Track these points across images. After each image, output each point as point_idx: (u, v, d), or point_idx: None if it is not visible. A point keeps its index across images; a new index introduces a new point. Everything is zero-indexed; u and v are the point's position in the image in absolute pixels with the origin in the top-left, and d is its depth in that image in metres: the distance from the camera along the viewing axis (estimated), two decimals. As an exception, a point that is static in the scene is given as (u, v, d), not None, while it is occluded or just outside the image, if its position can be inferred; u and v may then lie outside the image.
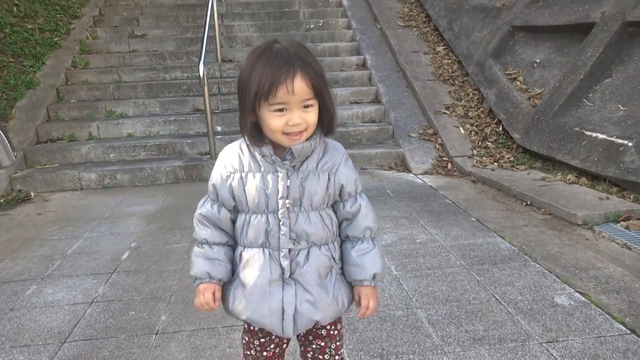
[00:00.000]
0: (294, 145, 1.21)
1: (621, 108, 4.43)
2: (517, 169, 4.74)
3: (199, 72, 4.96)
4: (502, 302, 2.42)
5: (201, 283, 1.33)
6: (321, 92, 1.20)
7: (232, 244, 1.36)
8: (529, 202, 3.89)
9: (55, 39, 7.10)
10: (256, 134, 1.25)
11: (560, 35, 5.50)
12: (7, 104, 5.86)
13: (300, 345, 1.48)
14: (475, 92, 6.06)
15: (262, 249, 1.28)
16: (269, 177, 1.26)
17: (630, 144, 3.92)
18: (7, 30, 6.79)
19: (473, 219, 3.65)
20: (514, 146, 5.15)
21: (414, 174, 5.03)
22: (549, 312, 2.31)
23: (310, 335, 1.42)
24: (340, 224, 1.36)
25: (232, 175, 1.30)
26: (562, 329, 2.16)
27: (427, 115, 5.79)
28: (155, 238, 3.56)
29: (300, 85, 1.15)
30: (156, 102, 6.19)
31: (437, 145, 5.40)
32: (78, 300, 2.66)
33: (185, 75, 6.71)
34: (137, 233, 3.69)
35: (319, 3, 8.49)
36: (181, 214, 4.06)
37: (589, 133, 4.33)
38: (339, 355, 1.45)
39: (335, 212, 1.34)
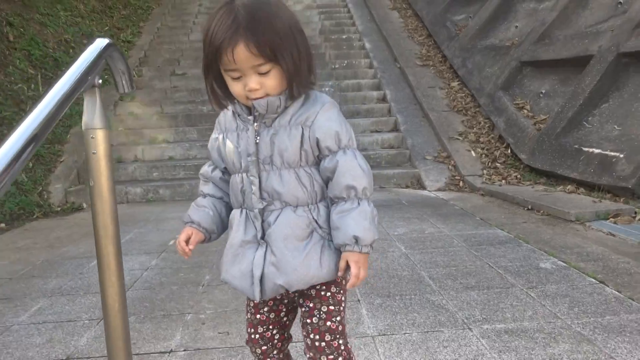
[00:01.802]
0: (258, 100, 1.15)
1: (616, 128, 4.86)
2: (523, 184, 5.15)
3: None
4: (494, 267, 2.83)
5: (185, 226, 1.31)
6: (279, 55, 1.11)
7: (229, 201, 1.33)
8: (529, 207, 4.30)
9: (106, 76, 7.92)
10: (217, 94, 1.21)
11: (564, 68, 6.01)
12: (63, 130, 6.58)
13: (291, 311, 1.40)
14: (486, 120, 6.55)
15: (240, 209, 1.26)
16: (242, 135, 1.22)
17: (621, 156, 4.33)
18: (64, 68, 7.64)
19: (477, 218, 4.07)
20: (521, 166, 5.57)
21: (428, 190, 5.48)
22: (532, 272, 2.71)
23: (301, 298, 1.30)
24: (326, 185, 1.24)
25: (218, 136, 1.30)
26: (542, 281, 2.57)
27: (442, 141, 6.28)
28: (196, 231, 4.07)
29: (243, 54, 1.08)
30: (194, 129, 6.85)
31: (450, 167, 5.86)
32: (135, 268, 3.16)
33: (221, 107, 7.39)
34: (180, 229, 4.19)
35: (343, 46, 9.23)
36: (218, 217, 4.57)
37: (586, 149, 4.76)
38: (332, 321, 1.26)
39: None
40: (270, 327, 1.34)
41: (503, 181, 5.34)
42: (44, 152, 6.02)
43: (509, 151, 5.89)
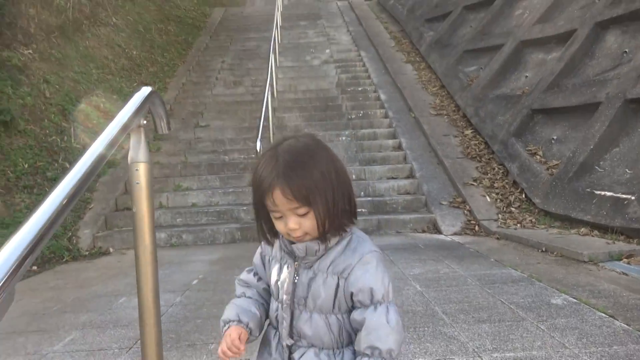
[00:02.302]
0: (297, 244, 1.20)
1: (628, 171, 4.97)
2: (538, 227, 5.23)
3: (256, 148, 5.86)
4: (506, 303, 2.92)
5: (229, 327, 1.28)
6: (312, 200, 1.15)
7: (267, 308, 1.34)
8: (544, 249, 4.38)
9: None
10: (263, 230, 1.25)
11: (574, 114, 6.18)
12: (93, 179, 6.91)
13: None
14: (500, 167, 6.70)
15: (275, 331, 1.30)
16: (284, 269, 1.26)
17: (632, 198, 4.42)
18: (94, 121, 8.08)
19: (492, 259, 4.16)
20: (536, 210, 5.66)
21: (444, 235, 5.58)
22: (544, 307, 2.79)
23: None
24: (355, 333, 1.23)
25: (265, 257, 1.35)
26: (552, 315, 2.65)
27: (457, 186, 6.42)
28: (218, 273, 4.23)
29: (279, 198, 1.14)
30: (216, 177, 7.12)
31: (465, 212, 5.97)
32: (161, 304, 3.30)
33: (242, 156, 7.69)
34: (203, 270, 4.37)
35: (359, 97, 9.58)
36: (238, 260, 4.73)
37: (598, 192, 4.86)
38: None
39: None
40: None
41: (518, 225, 5.42)
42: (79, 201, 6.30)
43: (524, 196, 6.00)
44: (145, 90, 1.64)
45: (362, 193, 6.62)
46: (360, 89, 9.94)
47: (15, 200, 5.85)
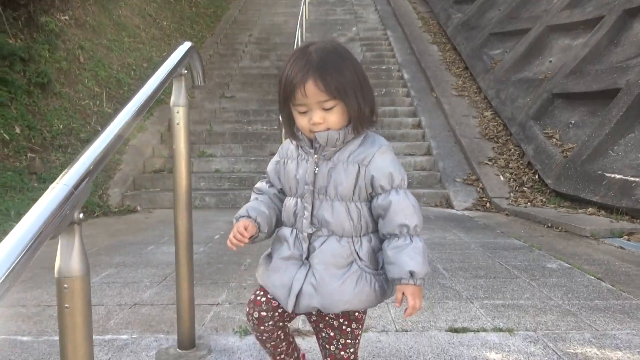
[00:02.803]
0: (319, 132, 1.27)
1: (639, 156, 5.08)
2: (547, 206, 5.39)
3: (278, 118, 6.10)
4: (504, 264, 3.13)
5: (238, 221, 1.36)
6: (343, 94, 1.24)
7: (278, 212, 1.43)
8: (549, 225, 4.55)
9: (163, 96, 8.64)
10: (290, 127, 1.34)
11: (594, 100, 6.27)
12: (123, 142, 7.25)
13: (314, 328, 1.49)
14: (516, 148, 6.83)
15: (291, 228, 1.37)
16: (302, 164, 1.35)
17: (640, 180, 4.56)
18: (125, 88, 8.41)
19: (498, 231, 4.36)
20: (547, 191, 5.81)
21: (455, 209, 5.78)
22: (538, 269, 3.00)
23: (322, 323, 1.42)
24: (377, 221, 1.34)
25: (280, 161, 1.43)
26: (545, 275, 2.86)
27: (472, 165, 6.58)
28: (239, 231, 4.51)
29: (312, 89, 1.22)
30: (240, 146, 7.40)
31: (478, 189, 6.15)
32: (186, 252, 3.61)
33: (265, 127, 7.94)
34: (224, 228, 4.67)
35: (382, 76, 9.72)
36: (258, 221, 5.01)
37: (608, 174, 4.99)
38: (346, 352, 1.43)
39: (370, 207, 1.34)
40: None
41: (529, 203, 5.59)
42: (109, 161, 6.65)
43: (537, 177, 6.14)
44: (187, 45, 1.88)
45: (380, 167, 6.81)
46: (384, 67, 10.06)
47: (51, 158, 6.21)
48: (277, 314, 1.38)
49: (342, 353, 1.41)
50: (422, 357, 1.84)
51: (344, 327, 1.39)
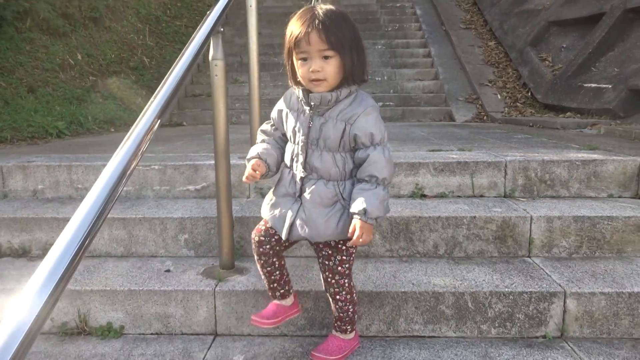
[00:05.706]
0: (314, 94, 1.46)
1: (616, 70, 5.89)
2: (535, 116, 6.27)
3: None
4: (481, 136, 4.09)
5: (250, 161, 1.57)
6: (340, 48, 1.40)
7: (282, 152, 1.64)
8: (530, 124, 5.46)
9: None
10: (294, 77, 1.53)
11: (584, 25, 7.00)
12: (165, 71, 8.21)
13: (315, 249, 1.69)
14: (514, 72, 7.64)
15: (289, 170, 1.60)
16: (300, 117, 1.54)
17: (610, 86, 5.40)
18: (163, 24, 9.31)
19: (486, 130, 5.29)
20: (537, 105, 6.67)
21: (456, 122, 6.69)
22: (506, 138, 3.95)
23: (321, 244, 1.63)
24: (358, 168, 1.53)
25: (282, 110, 1.62)
26: (510, 140, 3.81)
27: (473, 87, 7.44)
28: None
29: (315, 38, 1.38)
30: (268, 74, 8.33)
31: (477, 105, 7.03)
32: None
33: (289, 58, 8.82)
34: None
35: (397, 13, 10.43)
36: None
37: (586, 85, 5.84)
38: (342, 267, 1.62)
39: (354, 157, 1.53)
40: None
41: (520, 115, 6.47)
42: (155, 85, 7.66)
43: (529, 94, 6.98)
44: (224, 2, 2.10)
45: (392, 90, 7.71)
46: (398, 4, 10.75)
47: (108, 82, 7.23)
48: (273, 240, 1.66)
49: (339, 268, 1.64)
50: (406, 159, 2.83)
51: (339, 246, 1.62)
